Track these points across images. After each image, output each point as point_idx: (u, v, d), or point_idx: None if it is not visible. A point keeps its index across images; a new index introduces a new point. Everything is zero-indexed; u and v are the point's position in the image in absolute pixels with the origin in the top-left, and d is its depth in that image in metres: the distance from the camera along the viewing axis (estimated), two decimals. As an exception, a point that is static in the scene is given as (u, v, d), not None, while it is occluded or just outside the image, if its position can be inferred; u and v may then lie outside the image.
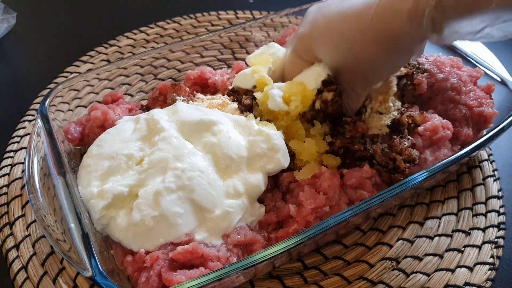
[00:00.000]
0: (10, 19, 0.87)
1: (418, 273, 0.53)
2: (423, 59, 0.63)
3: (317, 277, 0.52)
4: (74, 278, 0.51)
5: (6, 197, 0.59)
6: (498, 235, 0.56)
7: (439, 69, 0.61)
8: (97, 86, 0.70)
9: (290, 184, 0.52)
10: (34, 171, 0.49)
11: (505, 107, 0.59)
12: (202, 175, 0.47)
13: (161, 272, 0.43)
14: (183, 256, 0.43)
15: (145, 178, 0.47)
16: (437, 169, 0.49)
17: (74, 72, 0.79)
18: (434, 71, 0.60)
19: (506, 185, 0.63)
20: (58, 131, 0.55)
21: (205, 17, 0.92)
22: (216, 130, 0.51)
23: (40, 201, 0.47)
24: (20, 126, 0.69)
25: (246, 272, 0.42)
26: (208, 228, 0.46)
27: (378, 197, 0.46)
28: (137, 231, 0.45)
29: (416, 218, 0.58)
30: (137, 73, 0.75)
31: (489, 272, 0.53)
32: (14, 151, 0.65)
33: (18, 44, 0.88)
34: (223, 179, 0.49)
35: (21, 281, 0.50)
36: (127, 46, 0.84)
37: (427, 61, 0.62)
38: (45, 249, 0.53)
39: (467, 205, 0.60)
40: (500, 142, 0.65)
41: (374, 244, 0.56)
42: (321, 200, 0.47)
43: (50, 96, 0.56)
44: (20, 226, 0.56)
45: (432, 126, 0.54)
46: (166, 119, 0.53)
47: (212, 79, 0.65)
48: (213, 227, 0.46)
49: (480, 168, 0.64)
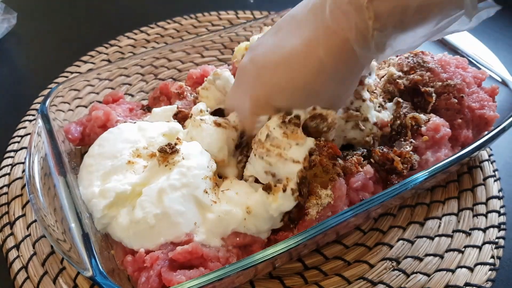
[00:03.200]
0: (11, 19, 0.87)
1: (419, 273, 0.52)
2: (429, 57, 0.62)
3: (318, 277, 0.52)
4: (75, 278, 0.51)
5: (6, 197, 0.59)
6: (499, 235, 0.56)
7: (443, 68, 0.60)
8: (97, 86, 0.70)
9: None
10: (34, 171, 0.49)
11: (505, 108, 0.59)
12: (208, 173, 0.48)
13: (161, 272, 0.43)
14: (183, 257, 0.43)
15: (149, 176, 0.48)
16: (438, 170, 0.49)
17: (75, 72, 0.79)
18: (438, 70, 0.60)
19: (506, 185, 0.63)
20: (59, 131, 0.55)
21: (206, 17, 0.92)
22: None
23: (40, 201, 0.47)
24: (20, 126, 0.69)
25: (246, 272, 0.42)
26: (208, 228, 0.46)
27: (379, 197, 0.46)
28: (138, 229, 0.45)
29: (417, 219, 0.58)
30: (137, 73, 0.76)
31: (489, 272, 0.53)
32: (15, 151, 0.65)
33: (18, 44, 0.88)
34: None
35: (21, 281, 0.50)
36: (127, 46, 0.85)
37: (433, 59, 0.62)
38: (45, 249, 0.53)
39: (467, 206, 0.60)
40: (500, 142, 0.65)
41: (374, 244, 0.56)
42: (325, 210, 0.47)
43: (51, 96, 0.56)
44: (20, 226, 0.56)
45: (434, 125, 0.54)
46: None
47: None
48: (214, 227, 0.46)
49: (480, 168, 0.64)
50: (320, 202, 0.46)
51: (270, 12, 0.93)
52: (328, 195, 0.46)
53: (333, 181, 0.47)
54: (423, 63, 0.61)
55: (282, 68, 0.46)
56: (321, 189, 0.47)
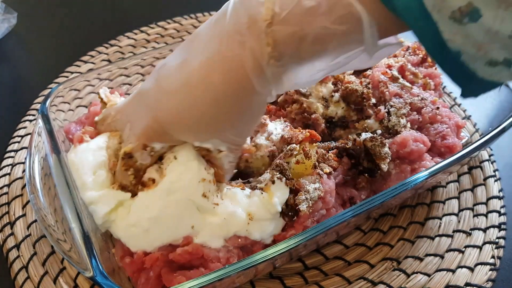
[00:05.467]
0: (11, 19, 0.86)
1: (419, 273, 0.53)
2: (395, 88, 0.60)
3: (318, 277, 0.52)
4: (75, 278, 0.51)
5: (6, 197, 0.59)
6: (499, 235, 0.56)
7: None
8: (97, 86, 0.70)
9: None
10: (35, 171, 0.49)
11: (506, 108, 0.59)
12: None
13: (161, 273, 0.43)
14: (183, 257, 0.43)
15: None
16: (439, 170, 0.49)
17: (75, 72, 0.79)
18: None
19: (507, 185, 0.63)
20: (59, 131, 0.55)
21: (206, 17, 0.91)
22: None
23: (40, 201, 0.47)
24: (20, 126, 0.69)
25: (246, 273, 0.42)
26: (209, 231, 0.45)
27: (379, 197, 0.46)
28: (133, 232, 0.44)
29: (417, 219, 0.58)
30: (137, 73, 0.76)
31: (490, 272, 0.53)
32: (15, 151, 0.65)
33: (19, 44, 0.88)
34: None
35: (21, 281, 0.50)
36: (127, 46, 0.84)
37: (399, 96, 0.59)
38: (45, 249, 0.53)
39: (468, 206, 0.60)
40: (501, 142, 0.65)
41: (374, 244, 0.56)
42: (317, 205, 0.47)
43: (51, 96, 0.56)
44: (20, 226, 0.56)
45: (400, 139, 0.53)
46: None
47: None
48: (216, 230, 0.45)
49: (481, 168, 0.64)
50: (309, 197, 0.46)
51: (270, 12, 0.93)
52: (317, 188, 0.47)
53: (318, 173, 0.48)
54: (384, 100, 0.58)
55: (183, 94, 0.41)
56: (309, 184, 0.47)
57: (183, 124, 0.42)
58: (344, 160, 0.52)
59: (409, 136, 0.53)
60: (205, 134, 0.43)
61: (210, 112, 0.41)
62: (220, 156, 0.45)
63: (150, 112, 0.43)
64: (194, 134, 0.43)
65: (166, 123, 0.42)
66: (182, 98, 0.41)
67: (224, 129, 0.43)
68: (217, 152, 0.44)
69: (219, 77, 0.39)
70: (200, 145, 0.44)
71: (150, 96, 0.44)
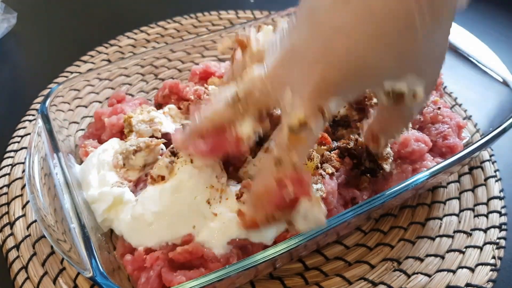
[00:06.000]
0: (11, 19, 0.86)
1: (420, 274, 0.52)
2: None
3: (318, 278, 0.52)
4: (75, 279, 0.51)
5: (6, 197, 0.59)
6: (500, 236, 0.56)
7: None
8: (97, 86, 0.70)
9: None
10: (34, 171, 0.49)
11: (506, 108, 0.59)
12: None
13: (161, 273, 0.43)
14: (183, 257, 0.43)
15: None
16: (440, 170, 0.49)
17: (75, 72, 0.79)
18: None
19: (507, 186, 0.63)
20: (59, 131, 0.55)
21: (206, 17, 0.91)
22: None
23: (40, 201, 0.47)
24: (20, 126, 0.69)
25: (246, 273, 0.42)
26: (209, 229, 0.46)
27: (380, 198, 0.46)
28: (137, 225, 0.45)
29: (418, 219, 0.58)
30: (137, 73, 0.75)
31: (490, 273, 0.53)
32: (15, 151, 0.65)
33: (18, 44, 0.88)
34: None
35: (21, 281, 0.50)
36: (127, 46, 0.84)
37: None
38: (45, 249, 0.53)
39: (468, 206, 0.60)
40: (501, 142, 0.65)
41: (375, 244, 0.55)
42: None
43: (51, 96, 0.56)
44: (20, 226, 0.56)
45: (402, 139, 0.53)
46: None
47: (218, 72, 0.65)
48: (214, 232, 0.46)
49: (481, 168, 0.64)
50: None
51: (270, 12, 0.93)
52: (319, 189, 0.46)
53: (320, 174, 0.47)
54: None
55: (362, 24, 0.34)
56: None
57: (370, 58, 0.35)
58: (346, 160, 0.52)
59: (411, 136, 0.53)
60: (399, 66, 0.36)
61: (401, 40, 0.34)
62: (412, 106, 0.38)
63: (315, 64, 0.36)
64: (387, 68, 0.36)
65: (348, 64, 0.35)
66: (363, 30, 0.34)
67: (418, 58, 0.36)
68: (411, 98, 0.37)
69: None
70: (393, 88, 0.37)
71: (310, 43, 0.36)
